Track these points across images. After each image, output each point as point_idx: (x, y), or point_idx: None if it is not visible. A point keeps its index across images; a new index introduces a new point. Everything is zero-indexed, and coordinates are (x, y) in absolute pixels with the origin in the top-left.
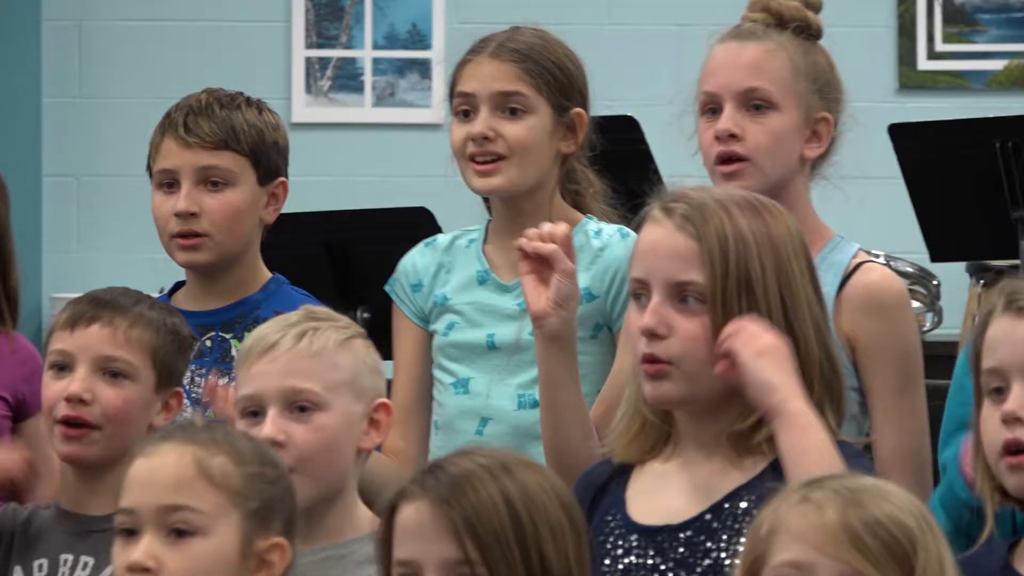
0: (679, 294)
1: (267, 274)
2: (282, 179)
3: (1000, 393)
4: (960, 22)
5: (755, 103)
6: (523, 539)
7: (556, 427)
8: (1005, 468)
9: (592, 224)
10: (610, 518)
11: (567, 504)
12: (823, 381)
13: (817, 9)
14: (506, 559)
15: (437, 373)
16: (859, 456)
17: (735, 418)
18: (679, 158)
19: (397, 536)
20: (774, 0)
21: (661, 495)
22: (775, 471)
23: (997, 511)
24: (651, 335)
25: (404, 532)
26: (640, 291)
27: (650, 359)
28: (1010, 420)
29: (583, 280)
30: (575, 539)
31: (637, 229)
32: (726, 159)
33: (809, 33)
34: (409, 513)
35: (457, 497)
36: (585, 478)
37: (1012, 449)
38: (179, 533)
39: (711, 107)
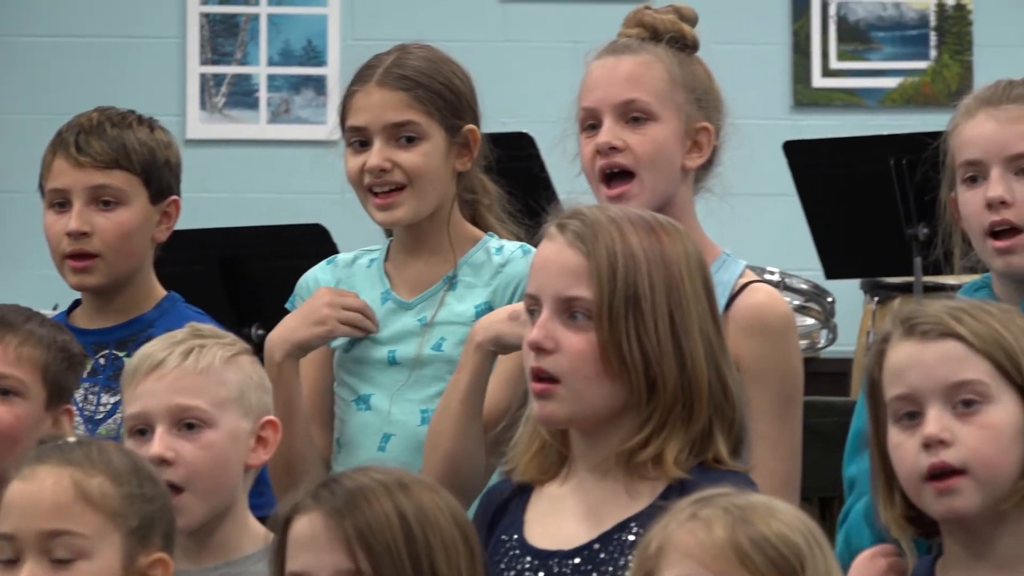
0: (568, 310)
1: (161, 292)
2: (174, 197)
3: (913, 418)
4: (855, 40)
5: (634, 115)
6: (416, 554)
7: (467, 434)
8: (931, 494)
9: (494, 241)
10: (507, 538)
11: (461, 523)
12: (712, 403)
13: (692, 22)
14: (398, 573)
15: (338, 390)
16: (751, 485)
17: (625, 437)
18: (574, 174)
19: (290, 548)
20: (647, 14)
21: (556, 518)
22: (667, 499)
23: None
24: (538, 349)
25: (297, 544)
26: (533, 307)
27: (537, 374)
28: (933, 444)
29: (484, 295)
30: (468, 558)
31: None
32: (610, 178)
33: (685, 45)
34: (303, 525)
35: (351, 510)
36: (488, 494)
37: (937, 473)
38: (61, 561)
39: (591, 123)
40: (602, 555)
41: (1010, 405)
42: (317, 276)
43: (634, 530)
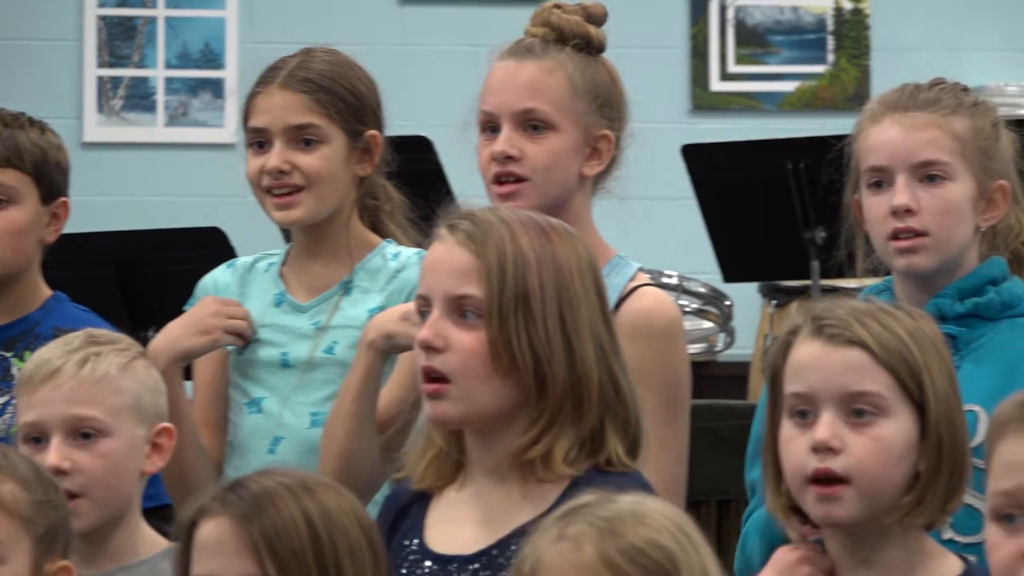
0: (458, 308)
1: (47, 292)
2: (63, 199)
3: (805, 417)
4: (752, 44)
5: (532, 124)
6: (322, 558)
7: (360, 433)
8: (813, 497)
9: (391, 247)
10: (408, 542)
11: (366, 527)
12: (603, 402)
13: (600, 21)
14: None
15: (232, 392)
16: (645, 485)
17: (516, 437)
18: (473, 177)
19: (196, 552)
20: (555, 14)
21: (455, 524)
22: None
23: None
24: (428, 348)
25: (203, 548)
26: (424, 307)
27: (428, 373)
28: (821, 450)
29: (378, 300)
30: (373, 562)
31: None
32: (502, 180)
33: (591, 48)
34: (209, 529)
35: (257, 514)
36: (390, 499)
37: (821, 479)
38: None
39: (490, 125)
40: (500, 560)
41: (905, 420)
42: (216, 279)
43: (532, 534)
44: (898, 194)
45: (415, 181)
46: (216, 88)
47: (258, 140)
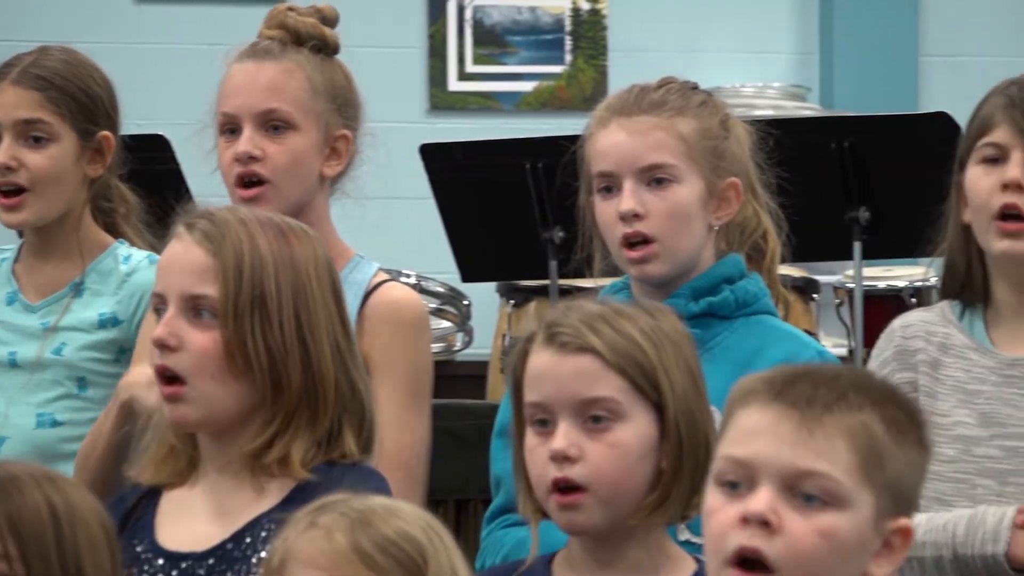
0: (193, 308)
1: None
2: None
3: (544, 425)
4: (490, 44)
5: (274, 124)
6: (63, 548)
7: (110, 477)
8: (554, 506)
9: (123, 249)
10: (137, 541)
11: (106, 524)
12: (340, 404)
13: (333, 23)
14: (45, 565)
15: None
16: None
17: (251, 438)
18: (210, 177)
19: None
20: (290, 17)
21: (187, 520)
22: (302, 495)
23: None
24: (163, 347)
25: None
26: (160, 305)
27: (161, 371)
28: (558, 459)
29: (109, 305)
30: (111, 560)
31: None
32: (246, 180)
33: (327, 50)
34: None
35: (2, 497)
36: (116, 502)
37: (561, 487)
38: None
39: (230, 127)
40: (235, 553)
41: (642, 422)
42: None
43: (266, 526)
44: (625, 200)
45: (152, 181)
46: None
47: None
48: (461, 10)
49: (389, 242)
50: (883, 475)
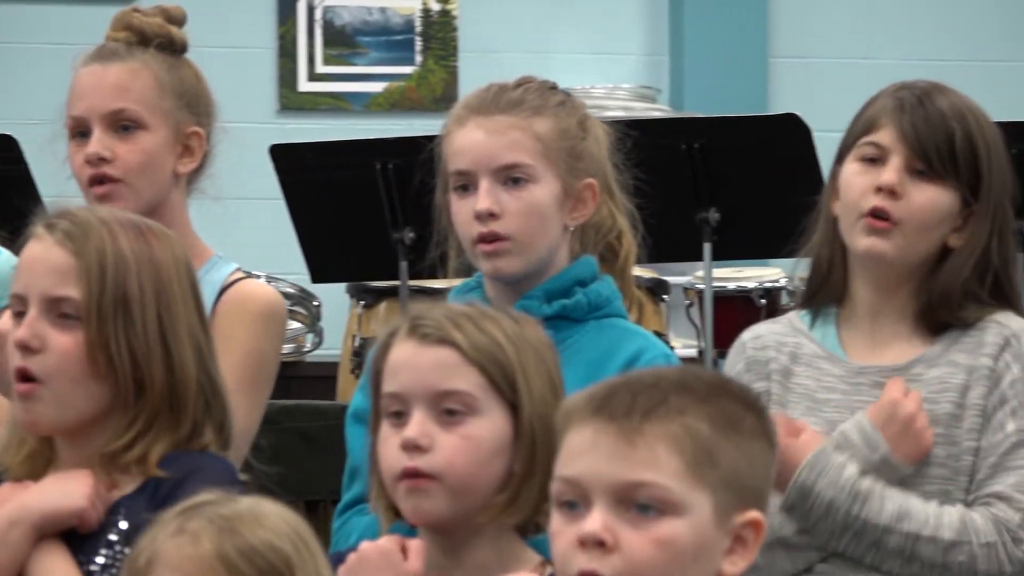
0: (55, 309)
1: None
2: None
3: (399, 417)
4: (341, 44)
5: (123, 124)
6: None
7: None
8: (403, 492)
9: None
10: None
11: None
12: (202, 405)
13: (180, 23)
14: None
15: None
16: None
17: (110, 439)
18: (65, 177)
19: None
20: (136, 17)
21: None
22: (156, 490)
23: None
24: (24, 348)
25: None
26: (19, 308)
27: (21, 373)
28: (410, 447)
29: None
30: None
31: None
32: (98, 181)
33: (174, 49)
34: None
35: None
36: None
37: (410, 473)
38: None
39: (80, 131)
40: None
41: (497, 420)
42: None
43: (121, 515)
44: (481, 199)
45: (1, 182)
46: None
47: None
48: (311, 10)
49: (239, 243)
50: (717, 472)
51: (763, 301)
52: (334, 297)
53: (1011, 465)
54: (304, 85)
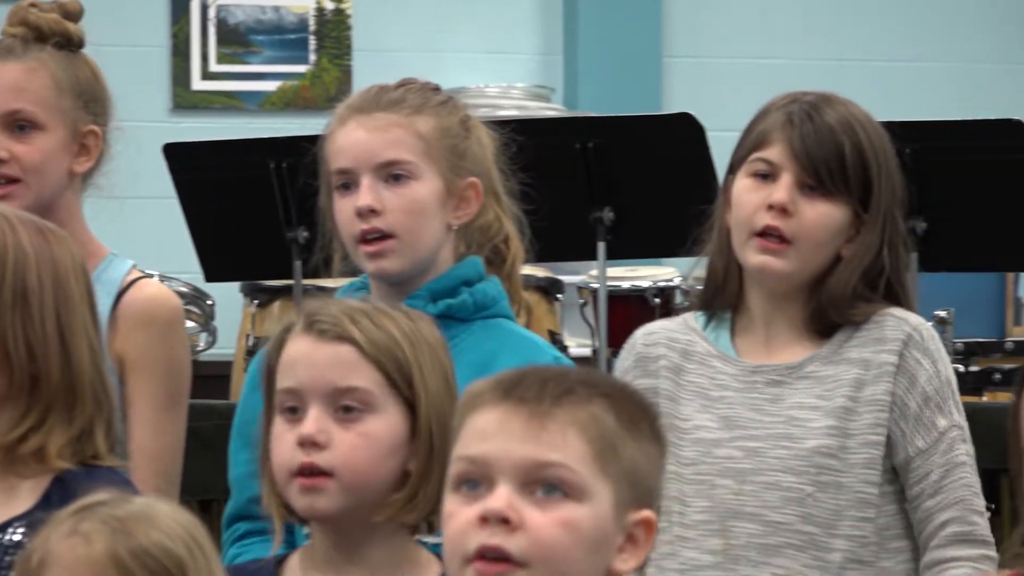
0: None
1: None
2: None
3: (295, 413)
4: (235, 43)
5: (19, 124)
6: None
7: None
8: (296, 490)
9: None
10: None
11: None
12: (95, 401)
13: (77, 17)
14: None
15: None
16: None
17: (3, 430)
18: None
19: None
20: (32, 13)
21: None
22: (61, 496)
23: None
24: None
25: None
26: None
27: None
28: (307, 444)
29: None
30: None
31: None
32: None
33: (71, 45)
34: None
35: None
36: None
37: (305, 470)
38: None
39: None
40: None
41: (394, 417)
42: None
43: (19, 530)
44: (362, 195)
45: None
46: None
47: None
48: (204, 9)
49: (131, 241)
50: (619, 465)
51: (657, 300)
52: (228, 296)
53: (951, 499)
54: (198, 84)
